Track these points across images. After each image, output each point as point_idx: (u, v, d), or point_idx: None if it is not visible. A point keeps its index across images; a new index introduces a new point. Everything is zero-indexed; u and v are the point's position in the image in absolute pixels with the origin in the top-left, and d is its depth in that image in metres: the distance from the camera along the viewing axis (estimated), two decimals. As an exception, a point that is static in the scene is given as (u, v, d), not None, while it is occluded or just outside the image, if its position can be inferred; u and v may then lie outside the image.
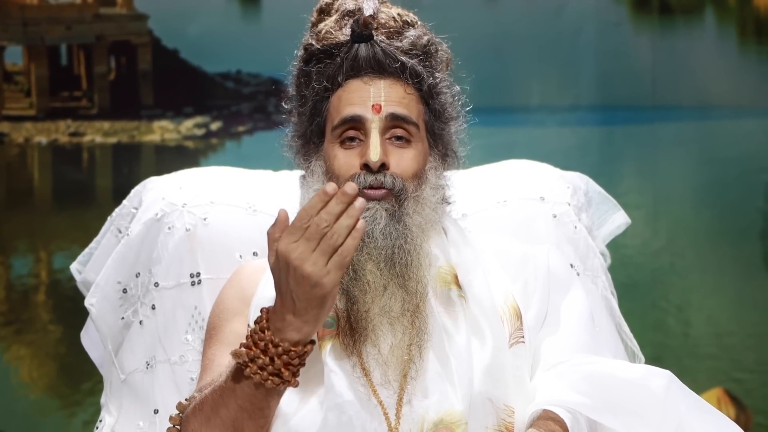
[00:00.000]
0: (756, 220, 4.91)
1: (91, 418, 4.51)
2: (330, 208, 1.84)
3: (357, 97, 2.14)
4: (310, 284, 1.84)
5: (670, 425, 2.03)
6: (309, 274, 1.84)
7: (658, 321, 4.85)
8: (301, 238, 1.84)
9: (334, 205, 1.84)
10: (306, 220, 1.84)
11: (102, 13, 5.04)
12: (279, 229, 1.88)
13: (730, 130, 5.00)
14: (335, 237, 1.84)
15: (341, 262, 1.85)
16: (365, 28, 2.15)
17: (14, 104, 5.04)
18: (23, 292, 4.90)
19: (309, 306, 1.87)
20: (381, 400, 2.06)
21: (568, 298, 2.24)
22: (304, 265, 1.83)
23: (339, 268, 1.85)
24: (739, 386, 4.81)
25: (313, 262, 1.83)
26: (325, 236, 1.84)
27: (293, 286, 1.85)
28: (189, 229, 2.44)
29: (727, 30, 5.04)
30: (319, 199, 1.84)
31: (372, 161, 2.09)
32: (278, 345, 1.89)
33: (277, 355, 1.89)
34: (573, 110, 4.93)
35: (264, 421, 1.99)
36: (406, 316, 2.08)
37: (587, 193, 2.63)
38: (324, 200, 1.84)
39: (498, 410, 2.09)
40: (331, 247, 1.84)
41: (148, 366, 2.42)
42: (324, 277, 1.84)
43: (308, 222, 1.84)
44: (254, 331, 1.91)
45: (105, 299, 2.48)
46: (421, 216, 2.12)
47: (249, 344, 1.91)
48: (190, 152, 4.99)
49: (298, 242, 1.84)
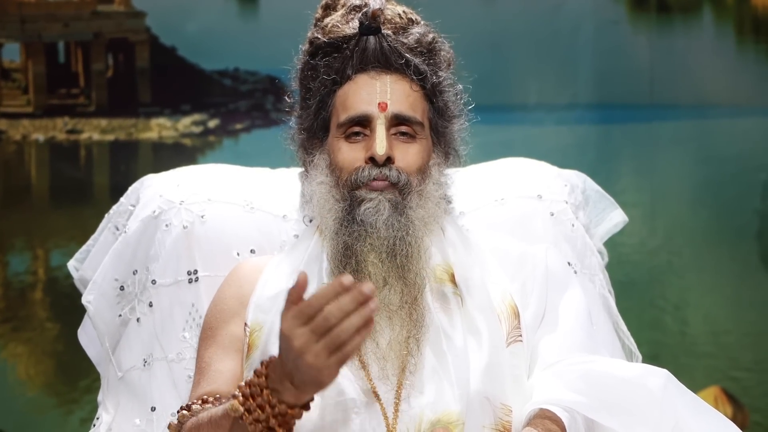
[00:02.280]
0: (753, 219, 4.91)
1: (89, 416, 4.51)
2: (342, 305, 1.77)
3: (364, 93, 2.16)
4: (310, 374, 1.81)
5: (667, 424, 2.03)
6: (310, 365, 1.79)
7: (656, 319, 4.85)
8: (307, 326, 1.79)
9: (348, 302, 1.77)
10: (315, 308, 1.78)
11: (99, 11, 5.04)
12: (297, 293, 1.81)
13: (727, 129, 5.00)
14: (342, 336, 1.78)
15: (343, 359, 1.80)
16: (374, 20, 2.17)
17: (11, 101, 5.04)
18: (20, 290, 4.89)
19: (307, 386, 1.85)
20: (379, 397, 2.07)
21: (566, 297, 2.24)
22: (305, 355, 1.79)
23: (340, 362, 1.80)
24: (736, 385, 4.81)
25: (315, 354, 1.79)
26: (331, 332, 1.78)
27: (292, 366, 1.83)
28: (186, 226, 2.44)
29: (724, 29, 5.04)
30: (333, 290, 1.78)
31: (378, 155, 2.11)
32: (275, 405, 1.88)
33: (273, 415, 1.88)
34: (571, 108, 4.94)
35: None
36: (404, 309, 2.09)
37: (585, 191, 2.63)
38: (337, 292, 1.78)
39: (495, 409, 2.09)
40: (335, 344, 1.78)
41: (146, 363, 2.42)
42: (324, 370, 1.80)
43: (316, 311, 1.78)
44: (253, 383, 1.90)
45: (102, 296, 2.48)
46: (424, 210, 2.14)
47: (246, 394, 1.90)
48: (188, 150, 4.99)
49: (303, 330, 1.79)
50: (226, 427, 1.95)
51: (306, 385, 1.85)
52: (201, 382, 2.18)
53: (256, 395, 1.89)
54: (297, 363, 1.81)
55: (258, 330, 2.17)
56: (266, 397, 1.87)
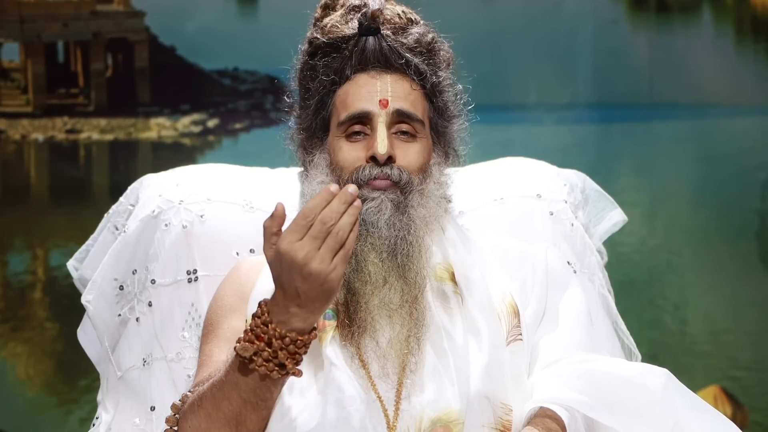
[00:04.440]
0: (752, 218, 4.91)
1: (88, 416, 4.51)
2: (334, 207, 1.88)
3: (365, 91, 2.16)
4: (319, 281, 1.88)
5: (667, 423, 2.03)
6: (318, 271, 1.87)
7: (655, 319, 4.85)
8: (305, 236, 1.88)
9: (338, 204, 1.88)
10: (310, 218, 1.88)
11: (99, 10, 5.04)
12: (277, 223, 1.91)
13: (726, 128, 5.00)
14: (341, 233, 1.88)
15: (346, 255, 1.89)
16: (373, 20, 2.17)
17: (11, 101, 5.04)
18: (20, 290, 4.89)
19: (315, 299, 1.90)
20: (380, 395, 2.07)
21: (565, 296, 2.24)
22: (311, 263, 1.87)
23: (344, 261, 1.89)
24: (736, 384, 4.81)
25: (321, 260, 1.87)
26: (330, 233, 1.87)
27: (299, 282, 1.88)
28: (186, 226, 2.44)
29: (723, 28, 5.04)
30: (322, 198, 1.89)
31: (380, 153, 2.11)
32: (285, 336, 1.91)
33: (282, 346, 1.92)
34: (570, 108, 4.94)
35: (266, 412, 2.00)
36: (404, 308, 2.09)
37: (584, 190, 2.63)
38: (327, 199, 1.89)
39: (495, 408, 2.09)
40: (337, 243, 1.88)
41: (145, 363, 2.42)
42: (331, 273, 1.88)
43: (312, 220, 1.88)
44: (255, 324, 1.93)
45: (102, 296, 2.48)
46: (426, 209, 2.14)
47: (251, 338, 1.93)
48: (187, 149, 4.99)
49: (303, 241, 1.88)
50: (232, 381, 1.97)
51: (315, 301, 1.90)
52: (201, 373, 2.18)
53: (260, 335, 1.92)
54: (303, 275, 1.87)
55: (256, 323, 2.18)
56: (272, 331, 1.91)
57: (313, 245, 1.87)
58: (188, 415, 2.05)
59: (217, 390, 1.99)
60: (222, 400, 1.99)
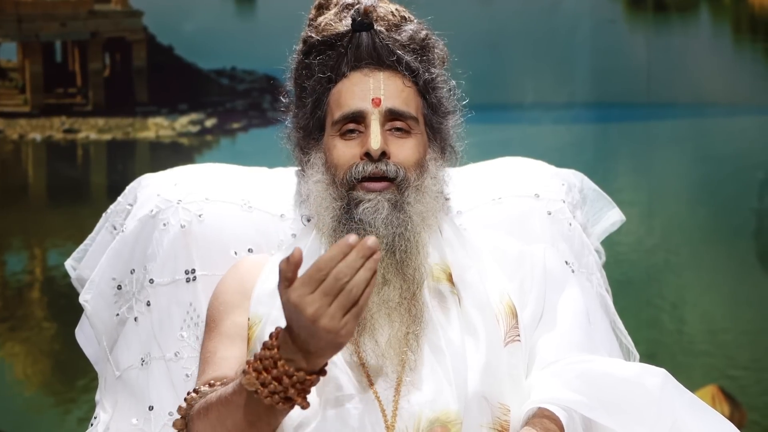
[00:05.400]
0: (750, 218, 4.91)
1: (86, 415, 4.51)
2: (351, 262, 1.79)
3: (358, 90, 2.17)
4: (327, 338, 1.82)
5: (665, 423, 2.03)
6: (327, 329, 1.80)
7: (653, 318, 4.85)
8: (317, 290, 1.80)
9: (355, 257, 1.79)
10: (324, 272, 1.79)
11: (97, 10, 5.03)
12: (291, 269, 1.82)
13: (724, 128, 5.00)
14: (354, 291, 1.79)
15: (358, 313, 1.81)
16: (366, 16, 2.18)
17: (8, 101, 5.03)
18: (18, 289, 4.89)
19: (324, 349, 1.86)
20: (378, 394, 2.07)
21: (563, 296, 2.24)
22: (321, 320, 1.80)
23: (355, 318, 1.82)
24: (734, 383, 4.81)
25: (331, 317, 1.80)
26: (343, 290, 1.79)
27: (306, 335, 1.83)
28: (184, 225, 2.44)
29: (721, 27, 5.04)
30: (339, 250, 1.80)
31: (373, 149, 2.12)
32: (293, 375, 1.87)
33: (291, 384, 1.88)
34: (568, 107, 4.93)
35: (269, 429, 1.99)
36: (403, 305, 2.10)
37: (582, 190, 2.63)
38: (344, 252, 1.80)
39: (493, 409, 2.09)
40: (350, 301, 1.80)
41: (143, 363, 2.42)
42: (341, 329, 1.81)
43: (325, 274, 1.79)
44: (264, 357, 1.89)
45: (100, 296, 2.48)
46: (422, 204, 2.15)
47: (259, 368, 1.89)
48: (185, 149, 4.98)
49: (314, 295, 1.80)
50: (238, 403, 1.95)
51: (323, 350, 1.85)
52: (207, 370, 2.18)
53: (269, 368, 1.87)
54: (312, 330, 1.81)
55: (257, 324, 2.18)
56: (282, 369, 1.86)
57: (323, 301, 1.79)
58: (195, 420, 2.06)
59: (223, 407, 1.99)
60: (227, 418, 1.98)
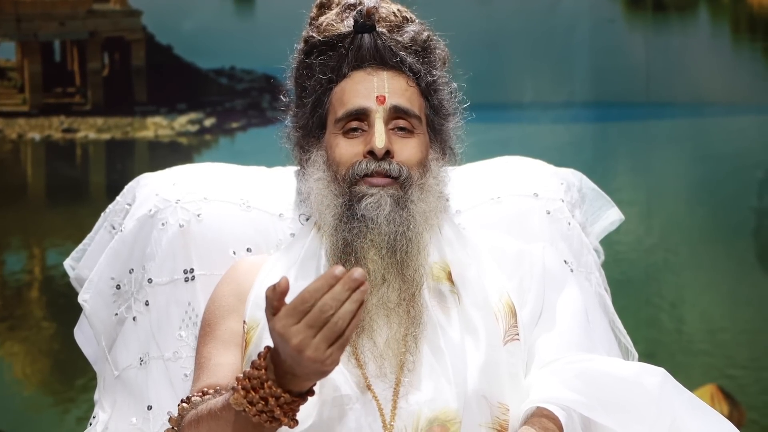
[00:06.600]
0: (749, 217, 4.91)
1: (85, 415, 4.51)
2: (336, 294, 1.78)
3: (362, 88, 2.17)
4: (313, 367, 1.82)
5: (664, 423, 2.03)
6: (312, 359, 1.80)
7: (652, 317, 4.85)
8: (301, 321, 1.79)
9: (341, 290, 1.78)
10: (309, 303, 1.78)
11: (95, 9, 5.03)
12: (277, 298, 1.81)
13: (723, 127, 5.00)
14: (339, 324, 1.78)
15: (343, 345, 1.80)
16: (368, 18, 2.18)
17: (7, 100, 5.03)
18: (16, 289, 4.89)
19: (310, 375, 1.86)
20: (376, 395, 2.07)
21: (562, 295, 2.24)
22: (305, 351, 1.79)
23: (340, 350, 1.81)
24: (733, 383, 4.81)
25: (315, 348, 1.79)
26: (328, 323, 1.78)
27: (292, 362, 1.83)
28: (182, 225, 2.44)
29: (720, 27, 5.04)
30: (325, 281, 1.78)
31: (377, 148, 2.11)
32: (279, 396, 1.87)
33: (278, 405, 1.88)
34: (567, 107, 4.93)
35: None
36: (402, 306, 2.09)
37: (581, 189, 2.63)
38: (330, 284, 1.78)
39: (492, 408, 2.09)
40: (334, 333, 1.78)
41: (142, 362, 2.42)
42: (326, 360, 1.80)
43: (310, 306, 1.78)
44: (253, 376, 1.89)
45: (98, 295, 2.48)
46: (426, 203, 2.14)
47: (247, 387, 1.89)
48: (184, 148, 4.98)
49: (298, 326, 1.79)
50: (227, 418, 1.95)
51: (309, 376, 1.85)
52: (201, 376, 2.18)
53: (257, 388, 1.88)
54: (297, 359, 1.81)
55: (255, 327, 2.17)
56: (269, 389, 1.87)
57: (308, 333, 1.78)
58: (185, 430, 2.06)
59: (213, 421, 1.99)
60: (216, 431, 1.98)
